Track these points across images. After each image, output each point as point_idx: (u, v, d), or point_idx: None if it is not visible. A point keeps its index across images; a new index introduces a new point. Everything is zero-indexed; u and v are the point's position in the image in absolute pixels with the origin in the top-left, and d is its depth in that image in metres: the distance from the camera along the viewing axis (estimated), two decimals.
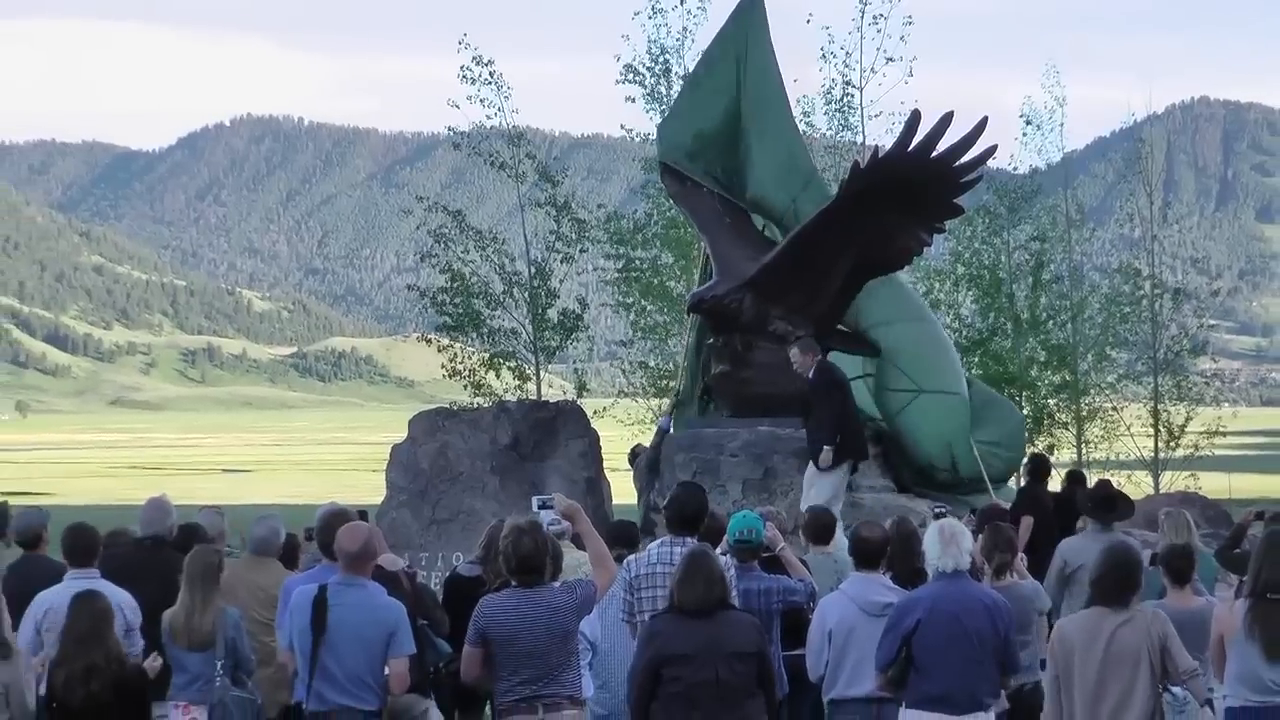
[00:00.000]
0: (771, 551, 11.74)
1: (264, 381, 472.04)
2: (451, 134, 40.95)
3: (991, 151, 19.87)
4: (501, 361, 38.61)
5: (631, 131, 40.06)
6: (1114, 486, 14.05)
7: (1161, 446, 42.63)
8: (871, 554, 10.85)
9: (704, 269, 23.06)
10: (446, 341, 39.63)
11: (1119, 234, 55.32)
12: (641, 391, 41.02)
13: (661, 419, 21.53)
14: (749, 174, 22.29)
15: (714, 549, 10.82)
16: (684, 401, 22.64)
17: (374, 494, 26.44)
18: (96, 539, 11.73)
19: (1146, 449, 42.95)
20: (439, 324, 39.55)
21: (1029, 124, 43.61)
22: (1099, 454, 42.28)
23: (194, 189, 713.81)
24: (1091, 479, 21.76)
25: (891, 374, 21.68)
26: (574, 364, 41.60)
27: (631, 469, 21.90)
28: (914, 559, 11.01)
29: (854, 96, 39.95)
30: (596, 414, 30.41)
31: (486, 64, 39.15)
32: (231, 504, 35.64)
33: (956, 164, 19.17)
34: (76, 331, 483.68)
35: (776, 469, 20.56)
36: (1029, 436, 40.12)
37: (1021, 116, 43.77)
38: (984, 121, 19.11)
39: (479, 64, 39.08)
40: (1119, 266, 45.01)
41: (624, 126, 40.57)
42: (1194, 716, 8.90)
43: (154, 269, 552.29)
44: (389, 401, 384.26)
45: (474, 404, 33.37)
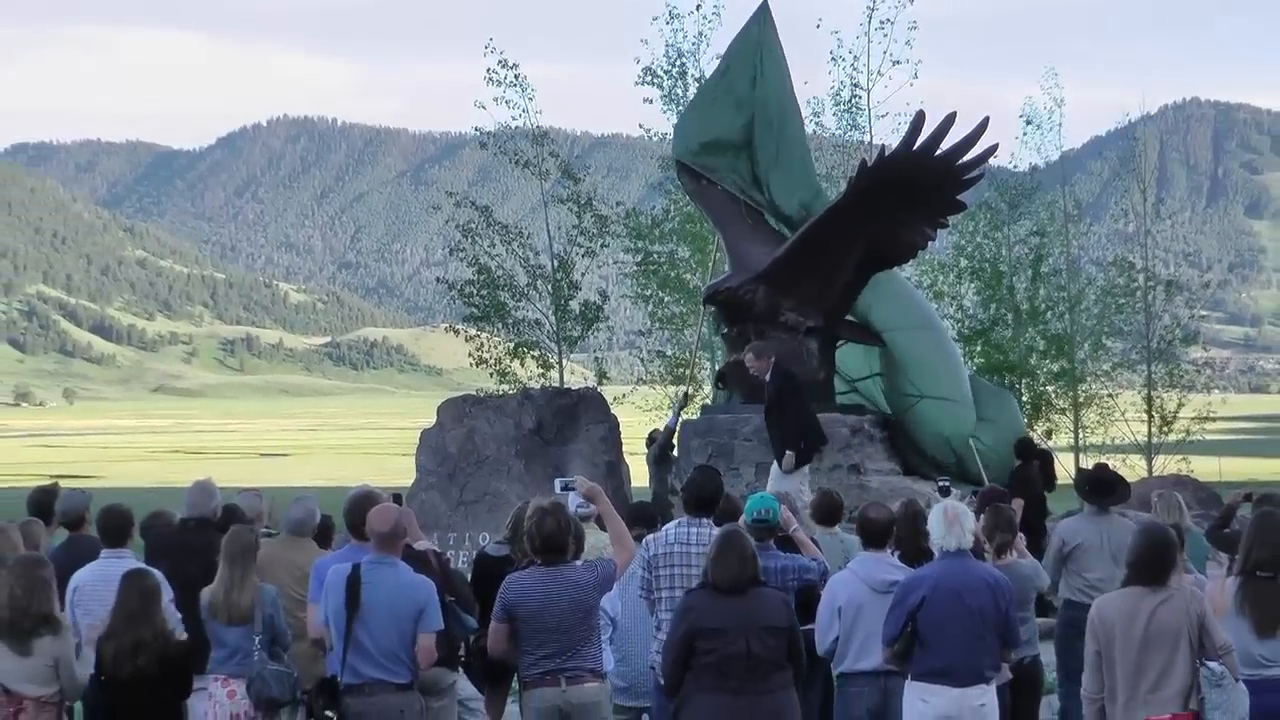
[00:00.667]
0: (785, 531, 11.73)
1: (299, 370, 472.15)
2: (478, 134, 41.01)
3: (993, 150, 19.90)
4: (526, 350, 38.65)
5: (650, 131, 40.07)
6: (1110, 470, 13.96)
7: (1155, 431, 42.59)
8: (878, 534, 10.83)
9: (717, 262, 23.10)
10: (473, 331, 39.65)
11: (1114, 229, 55.33)
12: (659, 379, 41.06)
13: (669, 417, 21.37)
14: (767, 183, 22.31)
15: None
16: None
17: (404, 477, 26.45)
18: (130, 520, 11.70)
19: (1140, 434, 42.90)
20: (466, 315, 39.58)
21: (1029, 124, 43.54)
22: (1095, 438, 42.27)
23: (233, 186, 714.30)
24: (1088, 463, 21.74)
25: (899, 379, 21.72)
26: (594, 353, 41.58)
27: (648, 452, 21.92)
28: (920, 540, 10.99)
29: (861, 98, 39.96)
30: (616, 400, 30.45)
31: (511, 67, 39.22)
32: (268, 486, 35.67)
33: (959, 162, 19.21)
34: (121, 322, 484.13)
35: None
36: (1028, 422, 40.23)
37: (1021, 117, 43.72)
38: (985, 122, 19.13)
39: (504, 67, 39.15)
40: (1114, 260, 44.91)
41: (642, 126, 40.61)
42: (1230, 690, 8.87)
43: (195, 263, 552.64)
44: (418, 389, 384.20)
45: (499, 391, 33.44)
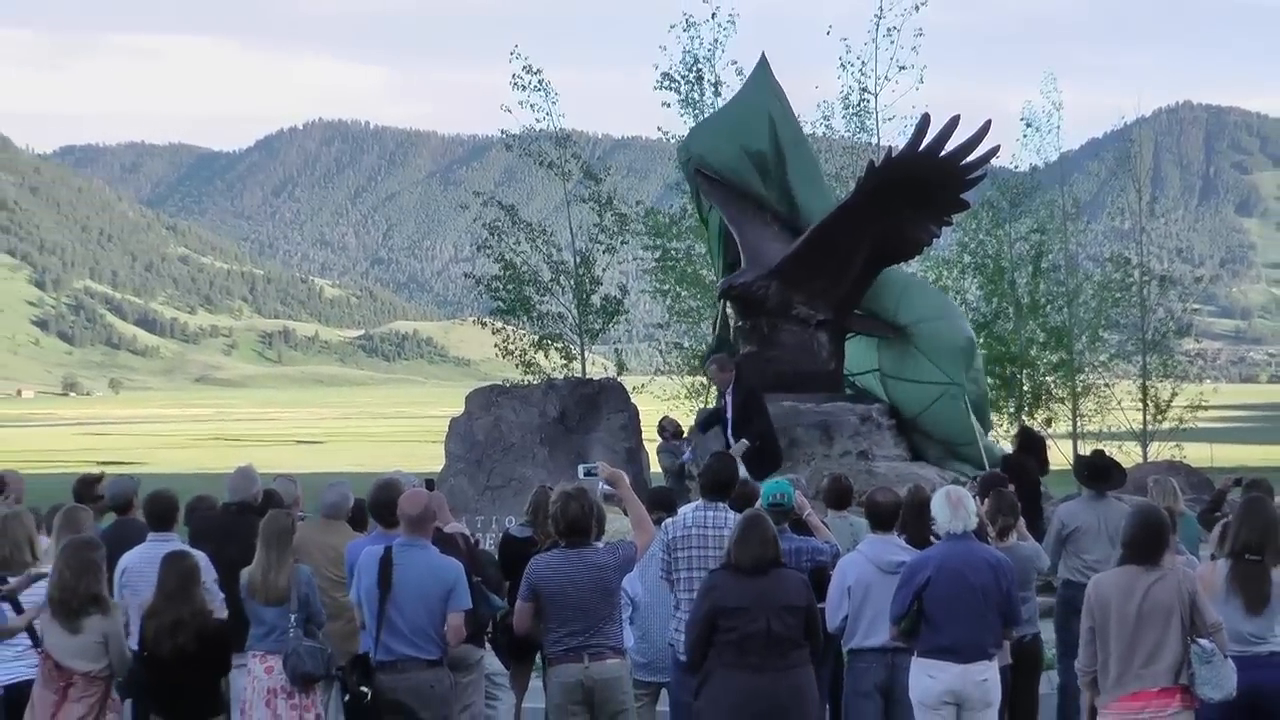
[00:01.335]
0: (800, 515, 11.73)
1: (334, 361, 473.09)
2: (504, 136, 40.88)
3: (995, 151, 19.84)
4: (550, 343, 38.57)
5: (668, 134, 39.91)
6: (1107, 456, 13.95)
7: (1149, 419, 42.54)
8: (885, 517, 10.84)
9: (724, 256, 23.00)
10: (500, 324, 39.59)
11: (1111, 226, 54.95)
12: (676, 370, 41.04)
13: (686, 452, 20.68)
14: (794, 191, 22.32)
15: None
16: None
17: (434, 463, 26.44)
18: (175, 505, 11.73)
19: (1135, 422, 42.85)
20: (493, 309, 39.49)
21: (1029, 126, 43.37)
22: (1092, 426, 42.19)
23: (270, 186, 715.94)
24: (1086, 449, 21.72)
25: (925, 367, 21.52)
26: (615, 345, 41.50)
27: (659, 438, 21.83)
28: (925, 530, 10.97)
29: (869, 101, 39.76)
30: (635, 390, 30.37)
31: (536, 72, 39.08)
32: (304, 473, 35.73)
33: (963, 163, 19.18)
34: (164, 316, 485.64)
35: (799, 440, 20.59)
36: (1029, 410, 40.18)
37: (1022, 119, 43.54)
38: (987, 124, 19.12)
39: (529, 72, 38.99)
40: (1110, 256, 44.82)
41: (661, 129, 40.44)
42: (1219, 666, 8.86)
43: (234, 259, 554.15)
44: (447, 379, 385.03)
45: (525, 381, 33.33)
